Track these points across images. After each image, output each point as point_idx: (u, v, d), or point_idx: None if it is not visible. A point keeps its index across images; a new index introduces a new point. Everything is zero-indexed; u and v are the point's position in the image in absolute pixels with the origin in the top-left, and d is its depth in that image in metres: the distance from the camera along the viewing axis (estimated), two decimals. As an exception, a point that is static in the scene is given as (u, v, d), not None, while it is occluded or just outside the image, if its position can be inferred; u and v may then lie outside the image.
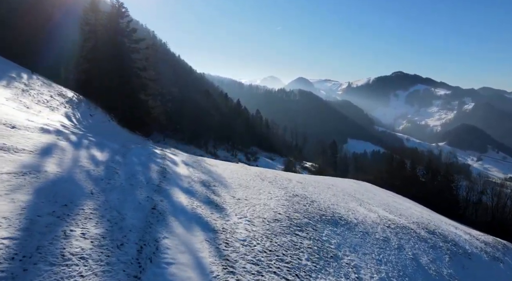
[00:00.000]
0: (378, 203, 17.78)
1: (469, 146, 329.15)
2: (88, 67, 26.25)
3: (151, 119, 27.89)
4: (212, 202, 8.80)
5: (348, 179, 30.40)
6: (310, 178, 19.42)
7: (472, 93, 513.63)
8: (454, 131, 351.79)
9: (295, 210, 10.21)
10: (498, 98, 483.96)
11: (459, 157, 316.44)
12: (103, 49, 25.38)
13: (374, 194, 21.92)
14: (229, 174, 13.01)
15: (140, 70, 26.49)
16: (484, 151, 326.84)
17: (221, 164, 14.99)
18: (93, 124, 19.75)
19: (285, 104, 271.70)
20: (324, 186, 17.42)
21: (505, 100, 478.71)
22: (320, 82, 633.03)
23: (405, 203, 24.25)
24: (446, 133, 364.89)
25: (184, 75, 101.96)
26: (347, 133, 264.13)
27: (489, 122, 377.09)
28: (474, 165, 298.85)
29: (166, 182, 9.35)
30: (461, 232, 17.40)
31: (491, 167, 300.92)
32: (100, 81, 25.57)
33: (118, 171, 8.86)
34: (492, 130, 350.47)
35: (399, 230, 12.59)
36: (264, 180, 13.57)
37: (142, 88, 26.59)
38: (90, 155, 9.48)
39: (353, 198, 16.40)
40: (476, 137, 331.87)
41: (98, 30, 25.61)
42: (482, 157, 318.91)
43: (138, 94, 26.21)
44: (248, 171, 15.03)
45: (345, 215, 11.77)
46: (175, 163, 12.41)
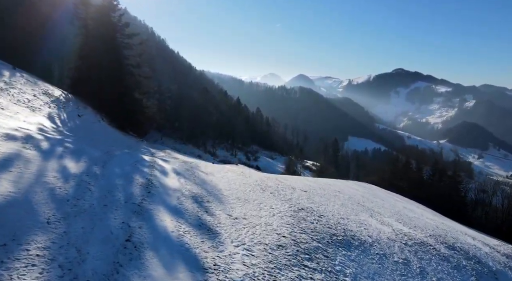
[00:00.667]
0: (389, 212, 16.35)
1: (470, 143, 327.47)
2: (79, 64, 24.78)
3: (146, 119, 26.45)
4: (203, 225, 7.37)
5: (352, 182, 28.96)
6: (314, 185, 17.96)
7: (473, 90, 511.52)
8: (455, 129, 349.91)
9: (301, 229, 8.77)
10: (499, 96, 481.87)
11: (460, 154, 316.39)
12: (94, 45, 23.89)
13: (382, 200, 20.49)
14: (226, 184, 11.57)
15: (133, 67, 25.04)
16: (485, 148, 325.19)
17: (218, 172, 13.54)
18: (80, 125, 18.30)
19: (285, 101, 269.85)
20: (330, 194, 15.99)
21: (506, 98, 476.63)
22: (320, 79, 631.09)
23: (416, 209, 22.84)
24: (447, 130, 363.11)
25: (183, 72, 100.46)
26: (347, 130, 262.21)
27: (490, 120, 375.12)
28: (475, 162, 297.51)
29: (150, 199, 7.91)
30: (480, 244, 15.98)
31: (492, 165, 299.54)
32: (91, 79, 24.11)
33: (92, 187, 7.42)
34: (493, 128, 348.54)
35: (418, 247, 11.16)
36: (265, 190, 12.12)
37: (136, 86, 25.14)
38: (60, 167, 8.04)
39: (363, 208, 14.97)
40: (477, 134, 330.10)
41: (89, 24, 24.10)
42: (484, 154, 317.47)
43: (132, 92, 24.76)
44: (248, 179, 13.58)
45: (358, 232, 10.34)
46: (165, 173, 10.96)
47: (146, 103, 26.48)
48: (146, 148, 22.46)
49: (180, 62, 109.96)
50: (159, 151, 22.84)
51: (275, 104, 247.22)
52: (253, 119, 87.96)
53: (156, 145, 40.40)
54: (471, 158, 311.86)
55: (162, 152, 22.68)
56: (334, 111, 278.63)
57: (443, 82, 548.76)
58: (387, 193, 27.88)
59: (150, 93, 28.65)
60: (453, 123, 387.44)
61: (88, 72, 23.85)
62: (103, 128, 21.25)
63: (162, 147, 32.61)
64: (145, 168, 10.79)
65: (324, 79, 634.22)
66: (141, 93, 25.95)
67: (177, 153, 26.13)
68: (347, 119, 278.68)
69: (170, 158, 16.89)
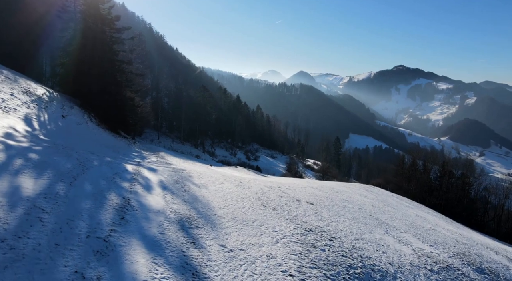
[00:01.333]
0: (404, 224, 14.72)
1: (472, 141, 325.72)
2: (67, 61, 23.08)
3: (139, 119, 24.75)
4: (188, 265, 5.73)
5: (359, 186, 27.33)
6: (320, 193, 16.34)
7: (475, 87, 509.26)
8: (456, 126, 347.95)
9: (312, 262, 7.13)
10: (501, 92, 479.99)
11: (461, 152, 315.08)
12: (82, 40, 22.16)
13: (394, 208, 18.87)
14: (220, 200, 9.91)
15: (124, 63, 23.29)
16: (486, 146, 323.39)
17: (212, 183, 11.88)
18: (63, 127, 16.64)
19: (286, 98, 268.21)
20: (339, 204, 14.36)
21: (507, 94, 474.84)
22: (321, 76, 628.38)
23: (428, 216, 21.23)
24: (448, 128, 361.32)
25: (182, 69, 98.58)
26: (348, 128, 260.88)
27: (492, 117, 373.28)
28: (477, 160, 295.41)
29: (122, 229, 6.27)
30: (505, 260, 14.38)
31: (494, 162, 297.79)
32: (79, 76, 22.43)
33: (45, 217, 5.78)
34: (494, 125, 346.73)
35: (445, 274, 9.54)
36: (267, 206, 10.48)
37: (128, 84, 23.43)
38: (12, 186, 6.40)
39: (376, 221, 13.34)
40: (479, 131, 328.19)
41: (77, 17, 22.36)
42: (485, 152, 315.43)
43: (123, 91, 23.06)
44: (247, 191, 11.93)
45: (377, 259, 8.70)
46: (149, 188, 9.32)
47: (139, 102, 24.80)
48: (138, 152, 20.82)
49: (179, 59, 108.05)
50: (152, 154, 21.20)
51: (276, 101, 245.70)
52: (254, 117, 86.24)
53: (151, 145, 38.76)
54: (472, 155, 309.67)
55: (155, 155, 21.03)
56: (335, 108, 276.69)
57: (444, 79, 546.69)
58: (395, 198, 26.29)
59: (143, 91, 26.95)
60: (454, 120, 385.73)
61: (76, 69, 22.16)
62: (90, 130, 19.58)
63: (157, 148, 30.96)
64: (125, 182, 9.14)
65: (325, 76, 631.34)
66: (133, 92, 24.27)
67: (172, 156, 24.47)
68: (348, 116, 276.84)
69: (161, 165, 15.25)
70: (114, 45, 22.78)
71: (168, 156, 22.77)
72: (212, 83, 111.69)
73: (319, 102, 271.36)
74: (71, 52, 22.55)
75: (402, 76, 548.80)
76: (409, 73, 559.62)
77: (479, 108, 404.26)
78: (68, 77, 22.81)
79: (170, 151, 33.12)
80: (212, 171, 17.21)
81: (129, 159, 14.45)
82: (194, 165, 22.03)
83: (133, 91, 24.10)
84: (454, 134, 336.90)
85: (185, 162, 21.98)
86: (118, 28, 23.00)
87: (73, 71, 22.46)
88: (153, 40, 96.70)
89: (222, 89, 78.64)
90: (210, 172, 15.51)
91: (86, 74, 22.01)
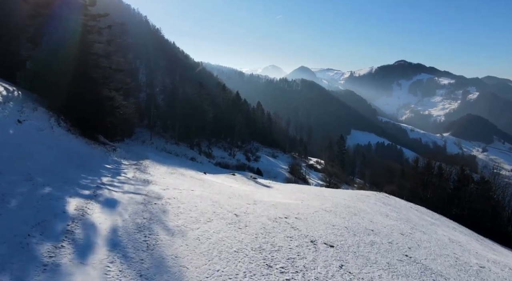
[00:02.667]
0: (448, 265, 11.38)
1: (474, 136, 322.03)
2: (34, 53, 19.62)
3: (120, 121, 21.32)
4: None
5: (374, 197, 23.95)
6: (337, 220, 12.98)
7: (477, 82, 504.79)
8: (459, 122, 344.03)
9: None
10: (503, 87, 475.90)
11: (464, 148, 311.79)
12: (49, 29, 18.66)
13: (424, 232, 15.54)
14: (203, 261, 6.47)
15: (101, 57, 19.82)
16: (489, 141, 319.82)
17: (195, 223, 8.44)
18: (14, 136, 13.23)
19: (287, 94, 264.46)
20: (364, 240, 11.00)
21: (510, 89, 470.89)
22: (322, 71, 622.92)
23: (460, 237, 17.93)
24: (450, 123, 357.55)
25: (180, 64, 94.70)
26: (350, 124, 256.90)
27: (494, 112, 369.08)
28: (480, 156, 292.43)
29: None
30: None
31: (497, 158, 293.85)
32: (48, 72, 18.96)
33: None
34: (497, 120, 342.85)
35: None
36: (273, 266, 7.06)
37: (105, 81, 19.96)
38: None
39: (417, 267, 9.98)
40: (481, 127, 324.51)
41: (42, 2, 18.85)
42: (488, 148, 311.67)
43: (100, 89, 19.61)
44: (244, 234, 8.52)
45: None
46: (86, 250, 5.90)
47: (121, 101, 21.35)
48: (114, 162, 17.41)
49: (177, 53, 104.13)
50: (132, 166, 17.79)
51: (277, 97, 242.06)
52: (254, 115, 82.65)
53: (141, 148, 35.29)
54: (475, 151, 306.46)
55: (135, 167, 17.57)
56: (336, 104, 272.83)
57: (446, 74, 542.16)
58: (416, 211, 23.01)
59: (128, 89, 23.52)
60: (456, 115, 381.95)
61: (44, 63, 18.72)
62: (55, 137, 16.14)
63: (145, 153, 27.51)
64: (47, 244, 5.72)
65: (326, 71, 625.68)
66: (114, 90, 20.80)
67: (158, 165, 21.06)
68: (349, 111, 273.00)
69: (133, 187, 11.85)
70: (88, 36, 19.29)
71: (153, 167, 19.34)
72: (211, 79, 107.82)
73: (320, 98, 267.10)
74: (38, 43, 19.10)
75: (403, 71, 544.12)
76: (411, 68, 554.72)
77: (481, 103, 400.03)
78: (36, 72, 19.37)
79: (159, 157, 29.67)
80: (203, 192, 13.80)
81: (88, 182, 11.03)
82: (183, 177, 18.61)
83: (113, 89, 20.63)
84: (457, 130, 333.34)
85: (172, 174, 18.57)
86: (93, 15, 19.48)
87: (40, 66, 19.03)
88: (149, 33, 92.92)
89: (221, 85, 75.03)
90: (197, 196, 12.08)
91: (56, 69, 18.55)
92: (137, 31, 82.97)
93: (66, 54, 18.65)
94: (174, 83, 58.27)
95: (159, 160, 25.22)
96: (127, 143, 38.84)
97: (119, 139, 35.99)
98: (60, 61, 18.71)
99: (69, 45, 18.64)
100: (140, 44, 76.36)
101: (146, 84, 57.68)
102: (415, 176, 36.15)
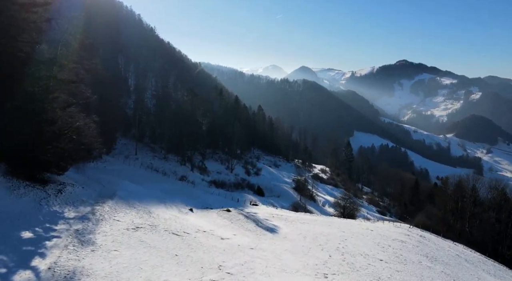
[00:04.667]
0: None
1: (478, 137, 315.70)
2: None
3: (69, 149, 15.47)
4: None
5: (413, 245, 18.22)
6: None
7: (479, 82, 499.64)
8: (462, 122, 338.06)
9: None
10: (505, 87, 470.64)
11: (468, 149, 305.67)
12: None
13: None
14: None
15: (41, 63, 14.15)
16: (494, 143, 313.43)
17: None
18: None
19: (288, 95, 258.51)
20: None
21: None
22: (323, 71, 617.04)
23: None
24: (453, 124, 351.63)
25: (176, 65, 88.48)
26: (353, 125, 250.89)
27: (497, 112, 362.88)
28: (484, 158, 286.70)
29: None
30: None
31: (501, 160, 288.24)
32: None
33: None
34: (501, 121, 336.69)
35: None
36: None
37: (43, 90, 14.23)
38: None
39: None
40: (485, 128, 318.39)
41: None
42: (492, 149, 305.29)
43: (35, 108, 13.88)
44: None
45: None
46: None
47: (67, 120, 15.47)
48: (50, 218, 11.76)
49: (172, 54, 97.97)
50: (76, 222, 12.12)
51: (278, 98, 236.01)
52: (254, 120, 76.80)
53: (114, 171, 29.41)
54: (479, 153, 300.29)
55: (76, 227, 11.85)
56: (338, 105, 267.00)
57: (448, 74, 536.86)
58: (465, 261, 17.30)
59: (86, 104, 17.76)
60: (459, 115, 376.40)
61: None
62: None
63: (117, 181, 21.77)
64: None
65: (327, 71, 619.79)
66: (61, 108, 15.04)
67: (126, 207, 15.40)
68: (351, 112, 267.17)
69: None
70: (12, 18, 13.47)
71: (112, 217, 13.64)
72: (209, 81, 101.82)
73: (322, 98, 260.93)
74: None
75: (405, 71, 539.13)
76: (412, 68, 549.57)
77: (484, 103, 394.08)
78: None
79: (138, 184, 23.92)
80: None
81: None
82: (151, 238, 12.87)
83: (59, 107, 14.84)
84: (460, 131, 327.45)
85: (135, 232, 12.85)
86: (25, 3, 13.77)
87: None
88: (142, 33, 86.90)
89: (218, 89, 69.05)
90: None
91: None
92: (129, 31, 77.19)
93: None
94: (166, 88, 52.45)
95: (132, 193, 19.53)
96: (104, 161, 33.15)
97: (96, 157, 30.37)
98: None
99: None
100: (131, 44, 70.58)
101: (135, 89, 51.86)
102: (445, 200, 30.51)
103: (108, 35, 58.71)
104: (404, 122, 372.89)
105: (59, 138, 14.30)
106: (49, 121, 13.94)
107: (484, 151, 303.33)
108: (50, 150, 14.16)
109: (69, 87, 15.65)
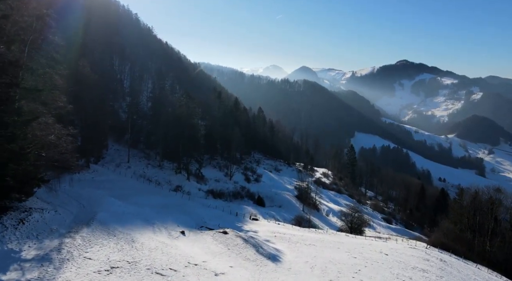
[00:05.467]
0: None
1: (480, 138, 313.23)
2: None
3: (37, 169, 13.17)
4: None
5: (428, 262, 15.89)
6: None
7: (480, 82, 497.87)
8: (463, 123, 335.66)
9: None
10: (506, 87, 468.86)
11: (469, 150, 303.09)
12: None
13: None
14: None
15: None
16: (495, 143, 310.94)
17: None
18: None
19: (288, 95, 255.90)
20: None
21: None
22: (323, 71, 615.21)
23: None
24: (455, 124, 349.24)
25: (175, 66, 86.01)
26: (354, 126, 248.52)
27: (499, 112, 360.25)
28: (486, 158, 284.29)
29: None
30: None
31: (503, 161, 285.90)
32: None
33: None
34: (502, 121, 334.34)
35: None
36: None
37: (5, 98, 11.92)
38: None
39: None
40: (487, 128, 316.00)
41: None
42: (494, 150, 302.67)
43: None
44: None
45: None
46: None
47: (34, 134, 13.16)
48: (3, 259, 9.43)
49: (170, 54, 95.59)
50: (33, 270, 9.79)
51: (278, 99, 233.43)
52: (254, 123, 74.30)
53: (99, 184, 26.96)
54: (481, 153, 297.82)
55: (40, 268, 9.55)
56: (339, 106, 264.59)
57: (449, 74, 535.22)
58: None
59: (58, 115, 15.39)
60: (460, 116, 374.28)
61: None
62: None
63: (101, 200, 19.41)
64: None
65: (327, 71, 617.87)
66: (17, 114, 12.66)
67: (104, 234, 13.16)
68: (352, 113, 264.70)
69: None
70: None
71: (82, 254, 11.32)
72: (208, 82, 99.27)
73: (323, 99, 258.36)
74: None
75: (405, 71, 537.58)
76: (413, 68, 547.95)
77: (485, 103, 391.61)
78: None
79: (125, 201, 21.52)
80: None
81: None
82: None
83: (24, 119, 12.54)
84: (461, 131, 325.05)
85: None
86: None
87: None
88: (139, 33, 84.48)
89: (216, 91, 66.50)
90: None
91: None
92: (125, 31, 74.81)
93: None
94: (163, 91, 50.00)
95: (115, 214, 17.16)
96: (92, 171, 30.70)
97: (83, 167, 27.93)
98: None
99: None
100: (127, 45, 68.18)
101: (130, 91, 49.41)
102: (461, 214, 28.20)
103: (103, 35, 56.41)
104: (405, 122, 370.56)
105: (20, 157, 11.96)
106: (8, 137, 11.60)
107: (486, 151, 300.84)
108: (8, 173, 11.81)
109: (37, 95, 13.28)
